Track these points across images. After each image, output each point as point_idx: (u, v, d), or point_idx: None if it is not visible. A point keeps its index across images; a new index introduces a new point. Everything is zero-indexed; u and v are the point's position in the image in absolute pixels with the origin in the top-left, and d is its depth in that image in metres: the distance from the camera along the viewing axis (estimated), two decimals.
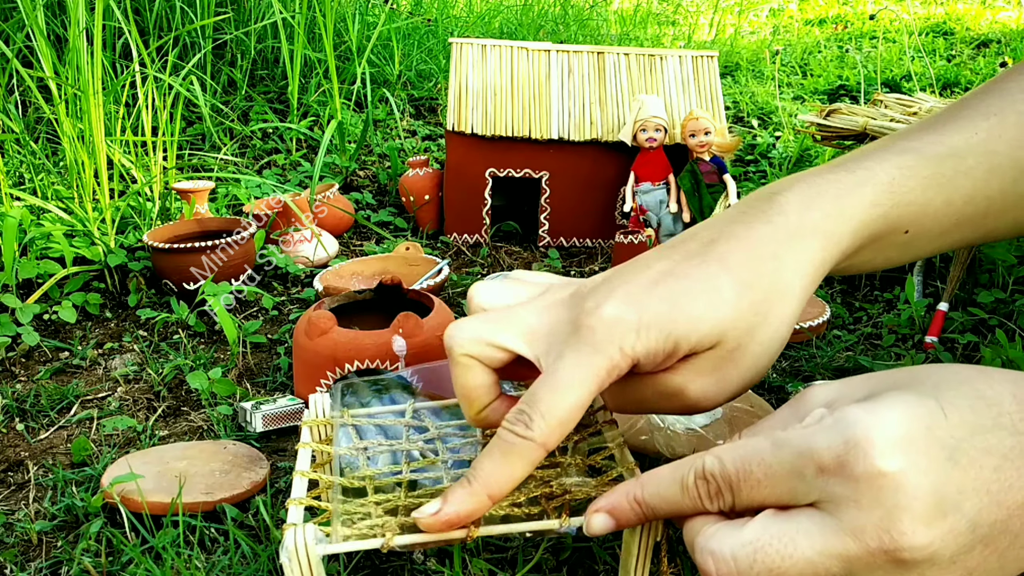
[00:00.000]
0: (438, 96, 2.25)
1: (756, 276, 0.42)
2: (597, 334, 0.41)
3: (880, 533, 0.33)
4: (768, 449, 0.36)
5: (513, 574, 0.64)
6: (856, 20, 3.51)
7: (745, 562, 0.35)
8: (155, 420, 0.90)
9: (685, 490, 0.38)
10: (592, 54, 1.46)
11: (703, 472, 0.37)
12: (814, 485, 0.34)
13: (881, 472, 0.33)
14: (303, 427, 0.58)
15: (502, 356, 0.45)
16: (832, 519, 0.34)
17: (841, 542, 0.33)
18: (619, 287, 0.42)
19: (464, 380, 0.45)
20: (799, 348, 1.02)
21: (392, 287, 0.95)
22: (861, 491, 0.33)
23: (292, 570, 0.44)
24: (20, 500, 0.77)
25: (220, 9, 2.03)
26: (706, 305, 0.41)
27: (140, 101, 1.50)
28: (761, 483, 0.36)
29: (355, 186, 1.70)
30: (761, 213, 0.44)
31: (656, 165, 1.36)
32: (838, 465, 0.34)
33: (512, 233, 1.52)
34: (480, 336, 0.44)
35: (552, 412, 0.40)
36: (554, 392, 0.41)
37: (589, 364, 0.41)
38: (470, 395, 0.46)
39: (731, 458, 0.37)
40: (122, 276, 1.24)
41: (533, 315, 0.45)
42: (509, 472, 0.41)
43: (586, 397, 0.41)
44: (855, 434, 0.34)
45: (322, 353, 0.85)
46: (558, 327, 0.43)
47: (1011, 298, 1.12)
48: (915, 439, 0.34)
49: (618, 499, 0.41)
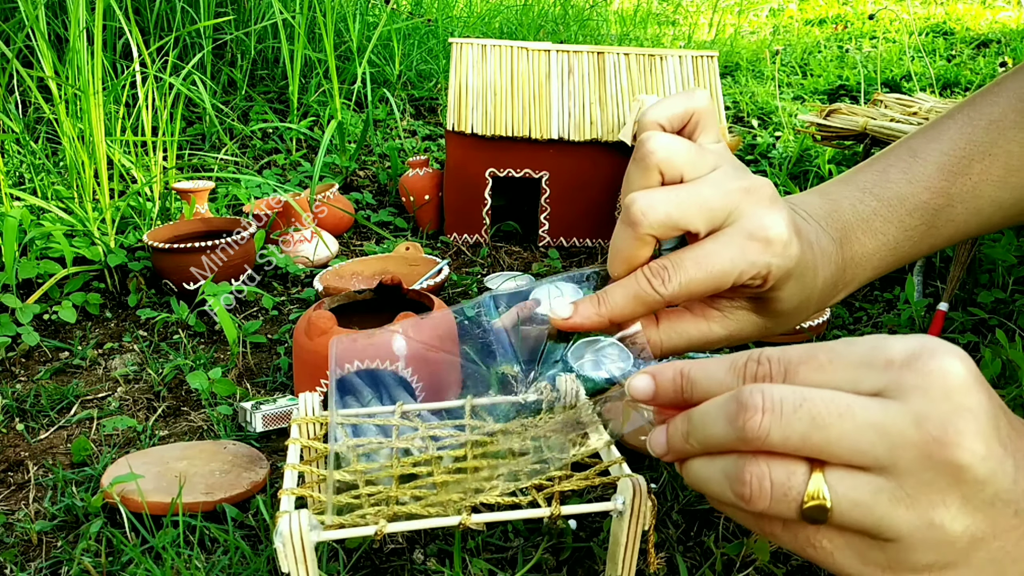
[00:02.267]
0: (438, 96, 2.25)
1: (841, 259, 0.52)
2: (765, 244, 0.46)
3: (945, 424, 0.31)
4: (838, 343, 0.36)
5: (513, 574, 0.64)
6: (856, 20, 3.51)
7: (791, 405, 0.33)
8: (155, 420, 0.90)
9: (733, 369, 0.37)
10: (592, 54, 1.46)
11: (758, 356, 0.37)
12: (882, 375, 0.33)
13: (953, 372, 0.32)
14: (293, 424, 0.59)
15: (679, 233, 0.47)
16: (896, 402, 0.33)
17: (900, 422, 0.32)
18: (790, 216, 0.47)
19: (635, 252, 0.47)
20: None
21: (392, 287, 0.95)
22: (932, 382, 0.32)
23: (286, 555, 0.45)
24: (20, 500, 0.77)
25: (220, 9, 2.03)
26: (808, 292, 0.50)
27: (140, 101, 1.51)
28: (823, 367, 0.35)
29: (355, 186, 1.70)
30: None
31: None
32: (910, 359, 0.33)
33: (512, 233, 1.52)
34: (671, 217, 0.46)
35: (688, 281, 0.46)
36: (699, 267, 0.46)
37: (742, 262, 0.46)
38: (634, 263, 0.48)
39: (796, 348, 0.36)
40: (122, 276, 1.24)
41: (718, 198, 0.46)
42: (632, 310, 0.47)
43: (720, 285, 0.46)
44: (930, 342, 0.34)
45: (322, 353, 0.85)
46: (733, 216, 0.46)
47: (1011, 298, 1.12)
48: (979, 373, 0.34)
49: (664, 368, 0.41)
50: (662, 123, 0.51)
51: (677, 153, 0.47)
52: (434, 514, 0.49)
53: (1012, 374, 0.93)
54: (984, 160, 0.53)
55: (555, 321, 0.49)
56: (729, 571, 0.65)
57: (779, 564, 0.66)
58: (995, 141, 0.54)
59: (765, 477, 0.34)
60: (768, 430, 0.33)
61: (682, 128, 0.52)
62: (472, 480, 0.53)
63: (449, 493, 0.52)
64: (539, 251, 1.45)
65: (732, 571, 0.65)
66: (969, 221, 0.54)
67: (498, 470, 0.55)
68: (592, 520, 0.70)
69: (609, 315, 0.48)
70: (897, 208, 0.53)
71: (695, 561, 0.67)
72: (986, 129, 0.54)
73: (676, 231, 0.46)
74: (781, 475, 0.34)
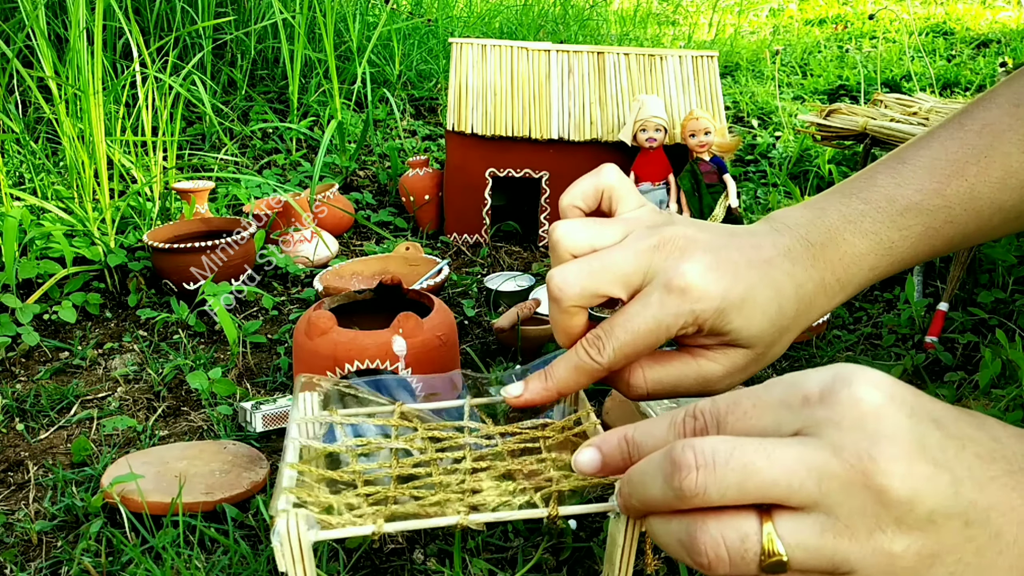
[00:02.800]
0: (438, 96, 2.25)
1: (803, 304, 0.51)
2: (681, 295, 0.48)
3: (860, 452, 0.32)
4: (760, 388, 0.37)
5: (513, 574, 0.64)
6: (856, 20, 3.51)
7: (723, 457, 0.34)
8: (155, 420, 0.90)
9: (672, 427, 0.39)
10: (592, 54, 1.46)
11: (693, 411, 0.38)
12: (799, 415, 0.35)
13: (865, 400, 0.33)
14: (290, 424, 0.59)
15: (601, 300, 0.51)
16: (813, 438, 0.34)
17: (821, 455, 0.33)
18: (705, 257, 0.48)
19: (568, 324, 0.51)
20: (799, 348, 1.03)
21: (392, 287, 0.95)
22: (843, 414, 0.33)
23: (283, 555, 0.45)
24: (20, 500, 0.77)
25: (220, 9, 2.03)
26: (772, 313, 0.49)
27: (140, 101, 1.51)
28: (748, 414, 0.36)
29: (355, 186, 1.70)
30: None
31: (656, 165, 1.36)
32: (824, 394, 0.34)
33: (512, 233, 1.52)
34: (587, 289, 0.50)
35: (622, 346, 0.49)
36: (626, 331, 0.48)
37: (665, 317, 0.48)
38: (571, 333, 0.52)
39: (724, 398, 0.38)
40: (122, 276, 1.24)
41: (629, 262, 0.49)
42: (576, 381, 0.51)
43: (653, 342, 0.49)
44: (844, 372, 0.35)
45: (322, 353, 0.85)
46: (648, 275, 0.49)
47: (1011, 298, 1.12)
48: (902, 393, 0.34)
49: (609, 437, 0.42)
50: (577, 204, 0.55)
51: (580, 232, 0.51)
52: (433, 514, 0.49)
53: (1012, 374, 0.93)
54: (980, 162, 0.53)
55: (509, 400, 0.53)
56: None
57: None
58: (991, 144, 0.53)
59: (720, 545, 0.34)
60: (705, 486, 0.34)
61: (598, 204, 0.56)
62: (470, 481, 0.53)
63: (447, 494, 0.52)
64: (539, 251, 1.45)
65: None
66: (969, 224, 0.54)
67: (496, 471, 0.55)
68: (592, 520, 0.70)
69: (556, 389, 0.51)
70: (887, 208, 0.53)
71: None
72: (979, 133, 0.54)
73: (596, 299, 0.50)
74: (734, 539, 0.34)
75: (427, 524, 0.46)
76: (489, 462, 0.56)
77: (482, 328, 1.14)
